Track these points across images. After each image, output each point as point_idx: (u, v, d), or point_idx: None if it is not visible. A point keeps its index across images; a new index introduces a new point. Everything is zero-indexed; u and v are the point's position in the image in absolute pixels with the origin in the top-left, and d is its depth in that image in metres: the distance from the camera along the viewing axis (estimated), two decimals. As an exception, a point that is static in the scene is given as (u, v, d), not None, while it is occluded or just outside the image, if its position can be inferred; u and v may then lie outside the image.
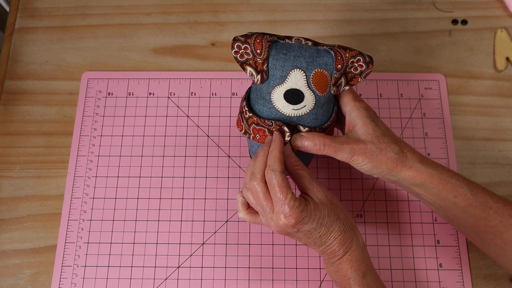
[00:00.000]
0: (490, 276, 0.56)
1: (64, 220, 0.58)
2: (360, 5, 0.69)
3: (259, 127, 0.49)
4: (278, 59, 0.46)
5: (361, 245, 0.47)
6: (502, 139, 0.62)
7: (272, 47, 0.46)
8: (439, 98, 0.63)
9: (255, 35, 0.46)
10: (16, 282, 0.55)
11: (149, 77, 0.64)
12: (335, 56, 0.45)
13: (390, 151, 0.48)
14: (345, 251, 0.46)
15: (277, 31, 0.67)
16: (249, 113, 0.49)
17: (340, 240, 0.46)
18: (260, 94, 0.48)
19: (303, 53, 0.46)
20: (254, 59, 0.47)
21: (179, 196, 0.59)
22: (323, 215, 0.45)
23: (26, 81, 0.65)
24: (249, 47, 0.47)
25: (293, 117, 0.48)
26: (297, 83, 0.46)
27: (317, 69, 0.46)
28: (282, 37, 0.47)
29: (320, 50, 0.46)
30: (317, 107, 0.48)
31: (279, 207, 0.44)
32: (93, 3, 0.69)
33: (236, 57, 0.48)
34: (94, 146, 0.61)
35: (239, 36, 0.47)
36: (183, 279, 0.55)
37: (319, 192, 0.46)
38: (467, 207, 0.48)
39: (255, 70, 0.47)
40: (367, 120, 0.48)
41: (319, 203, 0.46)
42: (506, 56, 0.65)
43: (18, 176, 0.60)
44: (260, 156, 0.47)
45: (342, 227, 0.46)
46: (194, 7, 0.69)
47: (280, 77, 0.46)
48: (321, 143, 0.47)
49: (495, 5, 0.68)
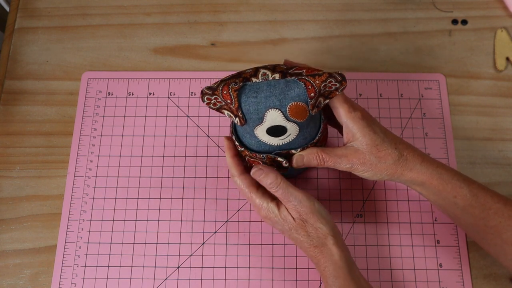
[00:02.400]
0: (490, 276, 0.56)
1: (64, 220, 0.58)
2: (360, 5, 0.69)
3: (253, 159, 0.51)
4: (250, 104, 0.45)
5: (336, 261, 0.47)
6: (502, 139, 0.62)
7: (241, 93, 0.44)
8: (439, 98, 0.63)
9: (220, 86, 0.44)
10: (16, 282, 0.55)
11: (149, 77, 0.64)
12: (305, 86, 0.44)
13: (389, 159, 0.48)
14: (317, 264, 0.49)
15: (277, 31, 0.67)
16: (241, 147, 0.50)
17: (310, 253, 0.49)
18: (244, 130, 0.49)
19: (273, 91, 0.44)
20: (227, 105, 0.46)
21: (179, 196, 0.59)
22: (288, 227, 0.49)
23: (26, 81, 0.65)
24: (218, 98, 0.45)
25: (282, 145, 0.49)
26: (275, 120, 0.46)
27: (291, 103, 0.45)
28: (248, 75, 0.46)
29: (290, 82, 0.44)
30: (302, 130, 0.48)
31: (252, 201, 0.51)
32: (93, 3, 0.69)
33: (209, 106, 0.47)
34: (94, 146, 0.61)
35: (205, 89, 0.45)
36: (183, 279, 0.55)
37: (293, 210, 0.48)
38: (466, 207, 0.48)
39: (232, 114, 0.47)
40: (365, 130, 0.48)
41: (288, 216, 0.48)
42: (506, 56, 0.65)
43: (18, 176, 0.60)
44: None
45: (310, 243, 0.48)
46: (194, 7, 0.69)
47: (257, 119, 0.46)
48: (320, 159, 0.49)
49: (495, 5, 0.68)
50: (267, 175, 0.48)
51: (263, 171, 0.48)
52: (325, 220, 0.48)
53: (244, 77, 0.46)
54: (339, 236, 0.49)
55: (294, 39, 0.67)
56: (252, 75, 0.46)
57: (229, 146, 0.51)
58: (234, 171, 0.51)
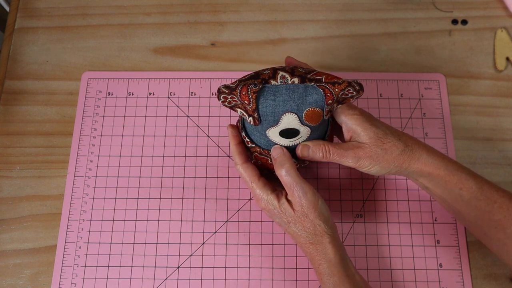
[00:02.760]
0: (490, 276, 0.56)
1: (64, 220, 0.58)
2: (360, 5, 0.69)
3: (262, 156, 0.51)
4: (267, 107, 0.45)
5: (330, 259, 0.47)
6: (502, 139, 0.62)
7: (260, 95, 0.44)
8: (439, 98, 0.63)
9: (239, 87, 0.44)
10: (16, 282, 0.55)
11: (149, 77, 0.64)
12: (324, 93, 0.44)
13: (395, 150, 0.48)
14: (311, 260, 0.49)
15: (277, 31, 0.67)
16: (251, 143, 0.50)
17: (305, 249, 0.49)
18: (255, 129, 0.49)
19: (291, 96, 0.44)
20: (243, 105, 0.46)
21: (179, 196, 0.59)
22: (287, 220, 0.49)
23: (26, 81, 0.65)
24: (235, 97, 0.45)
25: (291, 146, 0.49)
26: (290, 124, 0.46)
27: (308, 108, 0.45)
28: (266, 77, 0.45)
29: (308, 87, 0.45)
30: (313, 133, 0.48)
31: (252, 191, 0.51)
32: (93, 3, 0.69)
33: (224, 104, 0.47)
34: (94, 146, 0.61)
35: (222, 88, 0.45)
36: (183, 279, 0.55)
37: (296, 202, 0.48)
38: (472, 200, 0.48)
39: (246, 113, 0.47)
40: (366, 125, 0.48)
41: (288, 208, 0.48)
42: (506, 56, 0.65)
43: (18, 176, 0.60)
44: None
45: (307, 239, 0.48)
46: (194, 7, 0.69)
47: (272, 121, 0.46)
48: (326, 151, 0.48)
49: (495, 5, 0.68)
50: (285, 154, 0.48)
51: (283, 149, 0.49)
52: (325, 218, 0.48)
53: (263, 79, 0.45)
54: (336, 235, 0.49)
55: (294, 39, 0.67)
56: (270, 77, 0.45)
57: (233, 134, 0.52)
58: (238, 159, 0.51)
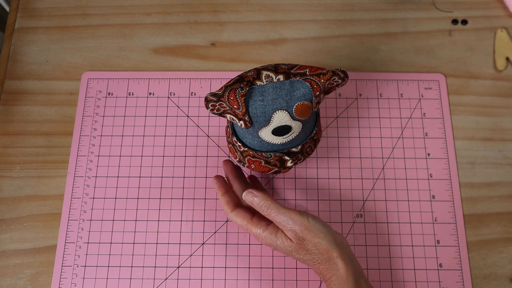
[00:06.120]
0: (490, 276, 0.56)
1: (64, 220, 0.58)
2: (360, 5, 0.69)
3: (255, 159, 0.51)
4: (257, 107, 0.45)
5: (341, 276, 0.46)
6: (502, 139, 0.62)
7: (248, 97, 0.44)
8: (439, 98, 0.63)
9: (226, 93, 0.44)
10: (16, 282, 0.55)
11: (149, 77, 0.64)
12: (311, 86, 0.45)
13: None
14: (324, 279, 0.48)
15: (277, 31, 0.67)
16: (244, 147, 0.50)
17: (316, 270, 0.48)
18: (247, 131, 0.49)
19: (279, 93, 0.44)
20: (232, 110, 0.46)
21: (179, 196, 0.59)
22: (289, 250, 0.48)
23: (26, 81, 0.65)
24: (224, 103, 0.45)
25: (285, 143, 0.49)
26: (282, 121, 0.46)
27: (297, 103, 0.45)
28: (251, 78, 0.45)
29: (294, 82, 0.45)
30: (304, 126, 0.49)
31: (250, 231, 0.51)
32: (93, 3, 0.69)
33: (213, 112, 0.47)
34: (94, 146, 0.61)
35: (209, 96, 0.45)
36: (183, 279, 0.55)
37: (288, 231, 0.48)
38: None
39: (236, 118, 0.47)
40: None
41: (285, 240, 0.48)
42: (506, 56, 0.65)
43: (18, 176, 0.60)
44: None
45: (314, 260, 0.47)
46: (194, 7, 0.69)
47: (264, 121, 0.46)
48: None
49: (495, 5, 0.68)
50: (257, 196, 0.49)
51: (253, 193, 0.49)
52: (323, 233, 0.47)
53: (248, 81, 0.45)
54: (343, 247, 0.47)
55: (294, 39, 0.67)
56: (255, 78, 0.45)
57: (219, 185, 0.53)
58: (227, 209, 0.52)
